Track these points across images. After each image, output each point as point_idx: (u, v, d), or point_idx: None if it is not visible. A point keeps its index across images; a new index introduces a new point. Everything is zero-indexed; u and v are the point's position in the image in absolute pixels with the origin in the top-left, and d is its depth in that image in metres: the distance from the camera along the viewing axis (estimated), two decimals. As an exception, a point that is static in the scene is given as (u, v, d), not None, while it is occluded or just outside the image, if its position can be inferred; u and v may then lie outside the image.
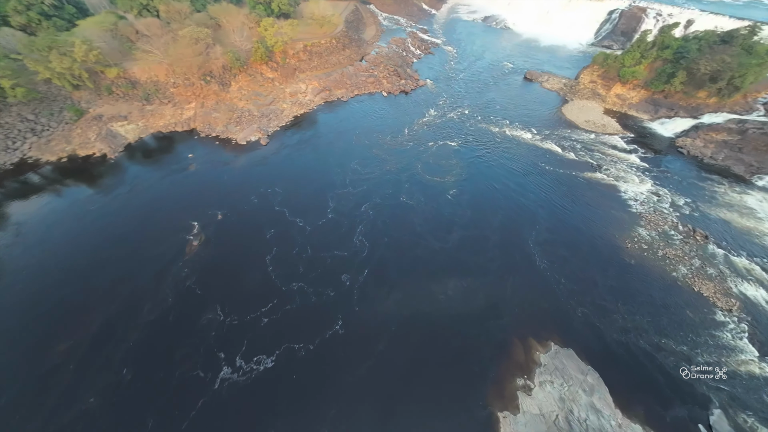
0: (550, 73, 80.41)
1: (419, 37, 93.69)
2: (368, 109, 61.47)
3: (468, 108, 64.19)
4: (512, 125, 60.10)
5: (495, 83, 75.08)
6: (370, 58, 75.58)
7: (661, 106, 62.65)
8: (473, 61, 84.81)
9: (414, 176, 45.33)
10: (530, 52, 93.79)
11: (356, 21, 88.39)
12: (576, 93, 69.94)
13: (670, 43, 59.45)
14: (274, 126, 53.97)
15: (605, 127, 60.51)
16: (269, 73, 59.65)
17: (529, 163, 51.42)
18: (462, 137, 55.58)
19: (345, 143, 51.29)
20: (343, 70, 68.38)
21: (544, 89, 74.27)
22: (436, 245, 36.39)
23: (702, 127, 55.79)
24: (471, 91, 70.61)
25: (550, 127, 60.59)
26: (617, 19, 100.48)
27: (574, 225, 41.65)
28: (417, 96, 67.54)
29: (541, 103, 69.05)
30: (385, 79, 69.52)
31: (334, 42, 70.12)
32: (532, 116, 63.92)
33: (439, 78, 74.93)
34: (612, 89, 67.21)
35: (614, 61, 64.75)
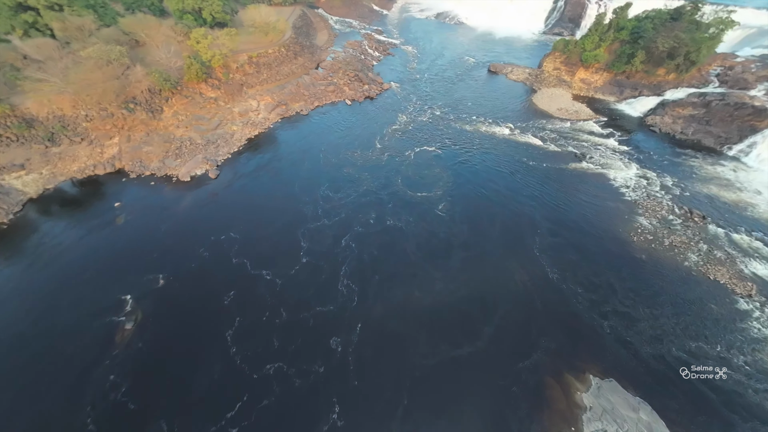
0: (513, 64, 79.34)
1: (375, 39, 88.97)
2: (332, 122, 55.04)
3: (439, 108, 60.14)
4: (487, 121, 56.90)
5: (461, 79, 72.15)
6: (327, 64, 69.18)
7: (625, 86, 63.06)
8: (435, 59, 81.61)
9: (396, 194, 39.69)
10: (488, 45, 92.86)
11: (305, 26, 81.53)
12: (542, 82, 68.90)
13: (625, 24, 59.81)
14: (224, 153, 45.69)
15: (578, 114, 59.41)
16: (210, 92, 51.07)
17: (514, 161, 48.08)
18: (439, 141, 51.09)
19: (311, 164, 44.39)
20: (298, 81, 61.29)
21: (510, 81, 72.67)
22: (437, 274, 30.98)
23: (668, 104, 56.34)
24: (438, 90, 66.84)
25: (525, 119, 58.27)
26: (563, 6, 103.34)
27: (575, 223, 38.48)
28: (383, 101, 62.32)
29: (510, 95, 67.02)
30: (346, 86, 63.49)
31: (284, 51, 62.81)
32: (505, 110, 61.39)
33: (404, 79, 70.42)
34: (576, 74, 66.88)
35: (575, 46, 64.32)
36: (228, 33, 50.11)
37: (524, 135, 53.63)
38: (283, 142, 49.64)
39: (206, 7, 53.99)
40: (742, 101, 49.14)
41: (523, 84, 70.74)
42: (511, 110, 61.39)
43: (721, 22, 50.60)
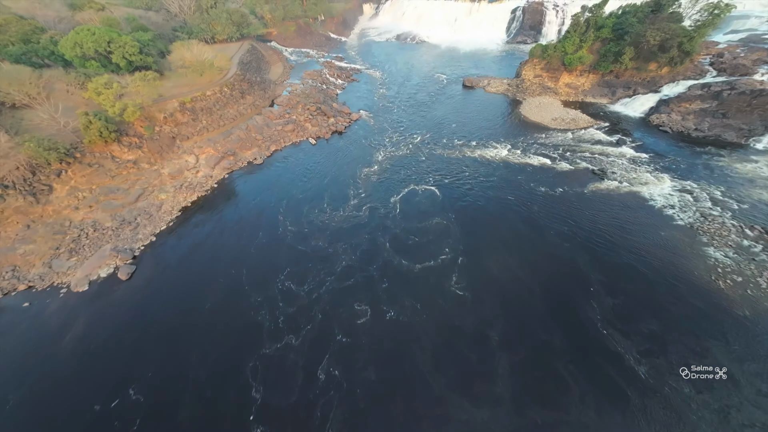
0: (487, 76, 73.59)
1: (337, 66, 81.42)
2: (295, 169, 44.18)
3: (419, 135, 51.14)
4: (479, 144, 48.29)
5: (436, 99, 64.62)
6: (283, 99, 59.39)
7: (617, 86, 57.54)
8: (404, 81, 74.49)
9: (388, 267, 28.44)
10: (455, 61, 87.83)
11: (255, 61, 72.46)
12: (525, 91, 62.60)
13: (604, 22, 55.07)
14: (146, 236, 33.08)
15: (576, 122, 52.38)
16: (126, 153, 39.02)
17: (524, 189, 38.84)
18: (427, 177, 41.28)
19: (267, 237, 32.54)
20: (248, 124, 50.59)
21: (490, 94, 66.05)
22: (480, 413, 19.34)
23: (671, 101, 50.54)
24: (415, 115, 58.43)
25: (520, 135, 50.30)
26: (522, 16, 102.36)
27: (630, 267, 28.73)
28: (354, 134, 52.68)
29: (494, 109, 59.78)
30: (308, 122, 53.49)
31: (227, 90, 52.41)
32: (494, 127, 53.47)
33: (374, 106, 61.77)
34: (560, 80, 61.11)
35: (554, 50, 58.84)
36: (143, 77, 39.08)
37: (525, 155, 45.15)
38: (231, 206, 37.79)
39: (116, 50, 43.04)
40: (758, 88, 43.67)
41: (505, 96, 64.20)
42: (500, 126, 53.54)
43: (715, 6, 46.37)
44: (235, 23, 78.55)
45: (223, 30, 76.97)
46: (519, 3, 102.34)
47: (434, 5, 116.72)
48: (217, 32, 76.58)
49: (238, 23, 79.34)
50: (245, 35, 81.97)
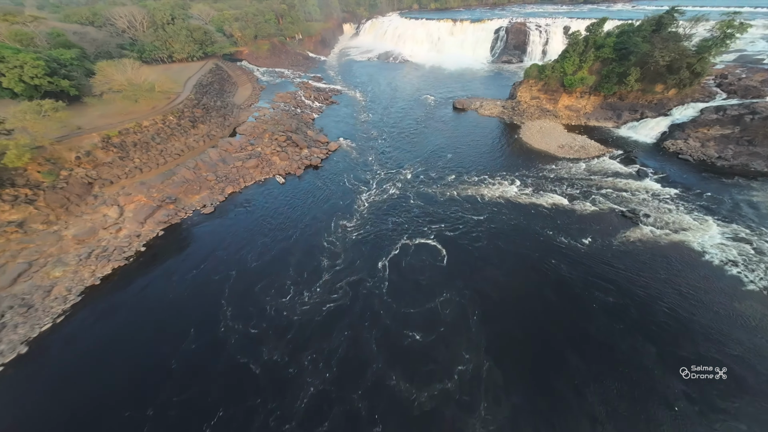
0: (478, 97, 68.19)
1: (314, 87, 73.81)
2: (253, 220, 34.49)
3: (409, 169, 43.13)
4: (480, 179, 40.75)
5: (426, 124, 57.67)
6: (247, 127, 50.21)
7: (621, 109, 52.71)
8: (388, 103, 67.65)
9: (378, 393, 18.75)
10: (441, 81, 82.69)
11: (219, 82, 63.54)
12: (522, 114, 56.86)
13: (604, 42, 50.67)
14: (11, 346, 22.00)
15: (586, 150, 46.29)
16: (10, 213, 28.13)
17: (547, 242, 30.83)
18: (423, 228, 32.73)
19: (197, 341, 22.04)
20: (198, 160, 40.79)
21: (484, 117, 59.98)
22: None
23: (685, 125, 45.62)
24: (403, 143, 50.81)
25: (526, 166, 43.36)
26: (505, 36, 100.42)
27: (712, 357, 20.79)
28: (332, 168, 43.99)
29: (491, 135, 53.25)
30: (276, 155, 44.34)
31: (172, 119, 42.71)
32: (495, 156, 46.48)
33: (355, 133, 53.78)
34: (559, 102, 55.87)
35: (552, 71, 53.75)
36: (35, 109, 28.80)
37: (537, 192, 37.82)
38: (157, 284, 27.23)
39: (9, 71, 32.52)
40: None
41: (500, 119, 58.21)
42: (501, 156, 46.63)
43: (728, 25, 42.60)
44: (196, 41, 69.92)
45: (182, 48, 68.02)
46: (501, 24, 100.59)
47: (415, 25, 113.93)
48: (175, 51, 67.49)
49: (201, 41, 70.79)
50: (209, 54, 73.35)
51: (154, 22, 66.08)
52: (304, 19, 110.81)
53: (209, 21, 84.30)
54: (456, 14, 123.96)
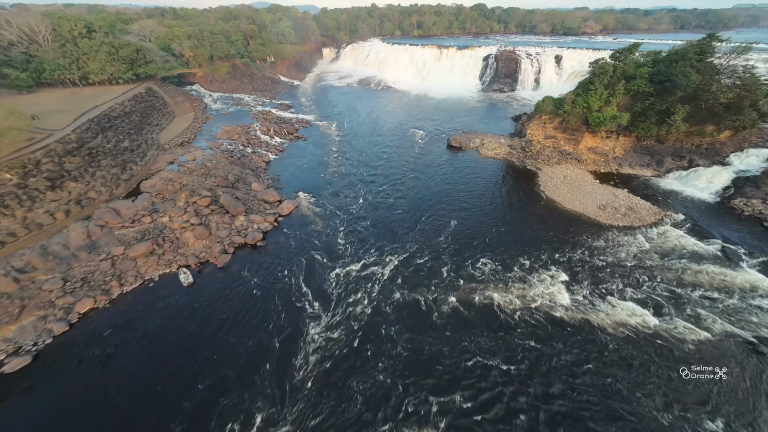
0: (476, 132, 56.80)
1: (277, 117, 60.04)
2: (100, 385, 18.27)
3: (394, 255, 28.39)
4: (498, 268, 26.64)
5: (416, 170, 44.45)
6: (158, 182, 34.18)
7: (661, 154, 41.97)
8: (369, 140, 54.58)
9: None
10: (428, 111, 71.59)
11: (141, 112, 48.16)
12: (537, 157, 45.07)
13: (636, 72, 40.66)
14: None
15: (637, 213, 33.95)
16: None
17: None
18: (423, 401, 18.00)
19: None
20: (36, 251, 24.47)
21: (488, 159, 47.81)
22: None
23: (758, 180, 34.74)
24: (387, 201, 36.68)
25: (561, 242, 30.01)
26: (495, 63, 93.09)
27: None
28: (277, 249, 28.59)
29: (502, 186, 40.48)
30: (189, 230, 28.51)
31: (10, 177, 26.53)
32: (513, 224, 33.08)
33: (322, 185, 39.34)
34: (581, 142, 44.68)
35: (573, 106, 42.86)
36: None
37: (596, 298, 24.06)
38: None
39: None
40: None
41: (507, 162, 46.13)
42: (522, 222, 33.31)
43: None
44: (124, 60, 55.18)
45: (102, 68, 52.88)
46: (490, 51, 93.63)
47: (399, 50, 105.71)
48: (91, 71, 52.17)
49: (131, 60, 56.11)
50: (143, 76, 58.54)
51: (61, 35, 51.08)
52: (276, 41, 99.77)
53: (154, 38, 70.60)
54: (440, 41, 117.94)
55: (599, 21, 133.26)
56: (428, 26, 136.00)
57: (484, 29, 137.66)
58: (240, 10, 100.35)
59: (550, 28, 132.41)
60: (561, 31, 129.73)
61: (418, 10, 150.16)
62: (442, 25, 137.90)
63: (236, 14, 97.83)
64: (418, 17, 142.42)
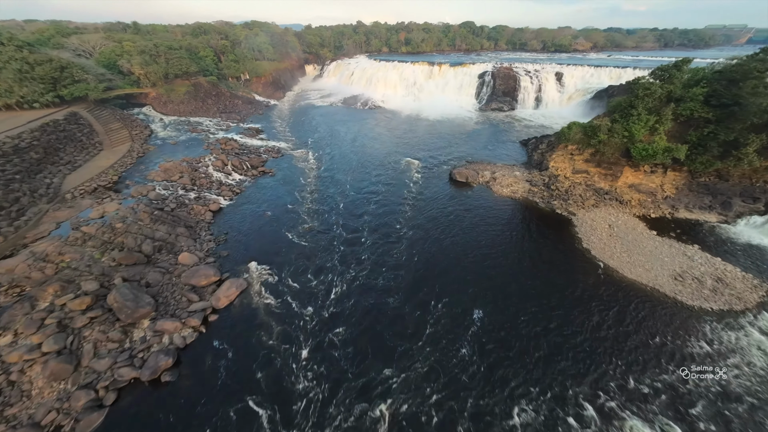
0: (484, 162, 47.49)
1: (240, 147, 49.17)
2: None
3: (385, 386, 17.57)
4: (556, 410, 16.33)
5: (412, 213, 34.09)
6: (22, 263, 22.61)
7: (726, 194, 33.18)
8: (353, 171, 44.25)
9: None
10: (424, 134, 62.45)
11: (45, 147, 36.28)
12: (567, 197, 35.56)
13: (689, 94, 32.31)
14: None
15: (730, 286, 24.06)
16: None
17: None
18: None
19: None
20: None
21: (503, 198, 38.10)
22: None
23: None
24: (373, 272, 25.53)
25: (640, 351, 19.84)
26: (492, 81, 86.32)
27: None
28: (194, 382, 16.92)
29: (528, 238, 30.39)
30: (39, 362, 16.88)
31: None
32: (559, 306, 22.50)
33: (284, 246, 28.07)
34: (620, 178, 35.66)
35: (609, 134, 34.00)
36: None
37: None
38: None
39: None
40: None
41: (528, 202, 36.54)
42: (567, 307, 22.94)
43: None
44: (42, 79, 43.81)
45: (9, 89, 41.28)
46: (486, 68, 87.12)
47: (387, 67, 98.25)
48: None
49: (53, 79, 44.78)
50: (69, 98, 47.02)
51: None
52: (252, 58, 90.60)
53: (98, 53, 59.85)
54: (430, 57, 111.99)
55: (589, 38, 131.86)
56: (417, 43, 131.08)
57: (474, 46, 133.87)
58: (211, 25, 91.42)
59: (541, 45, 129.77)
60: (552, 48, 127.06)
61: (405, 27, 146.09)
62: (431, 42, 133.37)
63: (207, 29, 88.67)
64: (406, 34, 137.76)
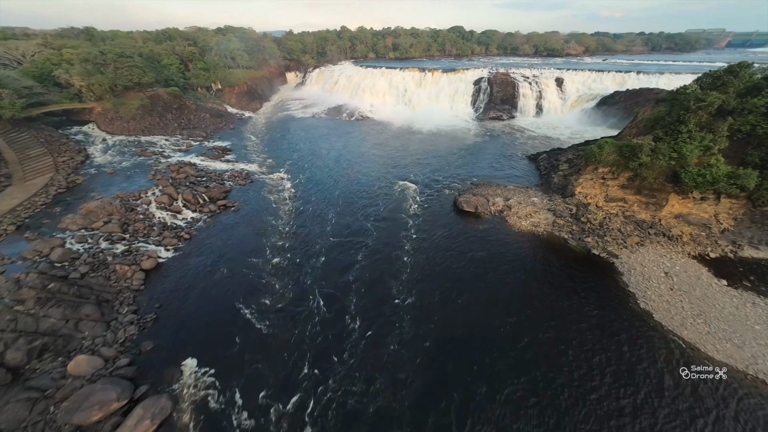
0: (492, 185, 40.31)
1: (199, 173, 40.44)
2: None
3: None
4: None
5: (413, 260, 26.37)
6: None
7: (802, 228, 27.10)
8: (337, 202, 36.09)
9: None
10: (418, 150, 55.01)
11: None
12: (603, 233, 28.55)
13: (741, 105, 26.17)
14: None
15: None
16: None
17: None
18: None
19: None
20: None
21: (523, 233, 30.89)
22: None
23: None
24: (361, 383, 17.54)
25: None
26: (489, 88, 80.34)
27: None
28: None
29: (561, 290, 23.09)
30: None
31: None
32: (634, 411, 15.71)
33: (237, 330, 19.36)
34: (664, 208, 29.10)
35: (653, 155, 27.42)
36: None
37: None
38: None
39: None
40: None
41: (553, 238, 29.49)
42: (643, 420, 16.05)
43: None
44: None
45: None
46: (481, 74, 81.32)
47: (374, 74, 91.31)
48: None
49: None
50: None
51: None
52: (224, 66, 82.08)
53: (29, 62, 50.42)
54: (420, 63, 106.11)
55: (580, 43, 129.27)
56: (405, 48, 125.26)
57: (465, 51, 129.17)
58: (177, 30, 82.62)
59: (533, 49, 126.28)
60: (545, 52, 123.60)
61: (392, 32, 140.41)
62: (420, 47, 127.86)
63: (172, 34, 79.83)
64: (393, 39, 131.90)
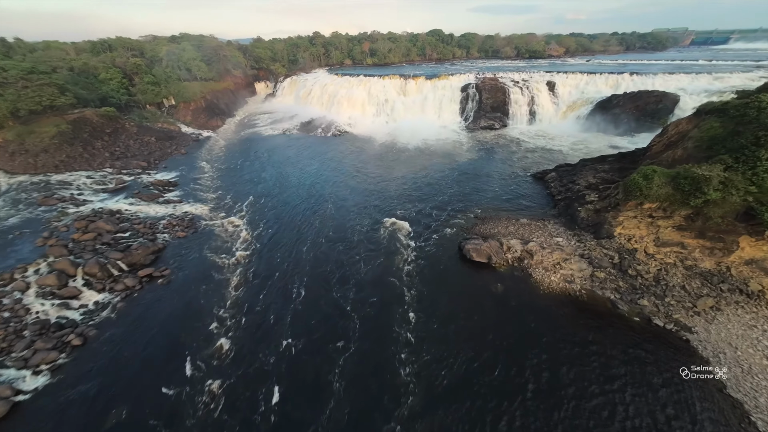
0: (501, 218, 32.78)
1: (122, 223, 30.72)
2: None
3: None
4: None
5: (410, 372, 17.95)
6: None
7: None
8: (308, 260, 26.75)
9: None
10: (406, 173, 46.44)
11: None
12: (663, 292, 21.52)
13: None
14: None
15: None
16: None
17: None
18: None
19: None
20: None
21: (555, 296, 23.32)
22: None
23: None
24: None
25: None
26: (477, 95, 74.19)
27: None
28: None
29: (640, 405, 16.00)
30: None
31: None
32: None
33: None
34: (734, 251, 22.59)
35: (723, 190, 20.88)
36: None
37: None
38: None
39: None
40: None
41: (596, 300, 22.23)
42: None
43: None
44: None
45: None
46: (468, 79, 75.22)
47: (351, 83, 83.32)
48: None
49: None
50: None
51: None
52: (178, 78, 71.65)
53: None
54: (400, 69, 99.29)
55: (560, 44, 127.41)
56: (383, 53, 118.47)
57: (446, 55, 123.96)
58: (119, 39, 71.48)
59: (514, 52, 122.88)
60: (527, 54, 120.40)
61: (369, 37, 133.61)
62: (399, 52, 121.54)
63: (112, 44, 68.78)
64: (370, 44, 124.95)
